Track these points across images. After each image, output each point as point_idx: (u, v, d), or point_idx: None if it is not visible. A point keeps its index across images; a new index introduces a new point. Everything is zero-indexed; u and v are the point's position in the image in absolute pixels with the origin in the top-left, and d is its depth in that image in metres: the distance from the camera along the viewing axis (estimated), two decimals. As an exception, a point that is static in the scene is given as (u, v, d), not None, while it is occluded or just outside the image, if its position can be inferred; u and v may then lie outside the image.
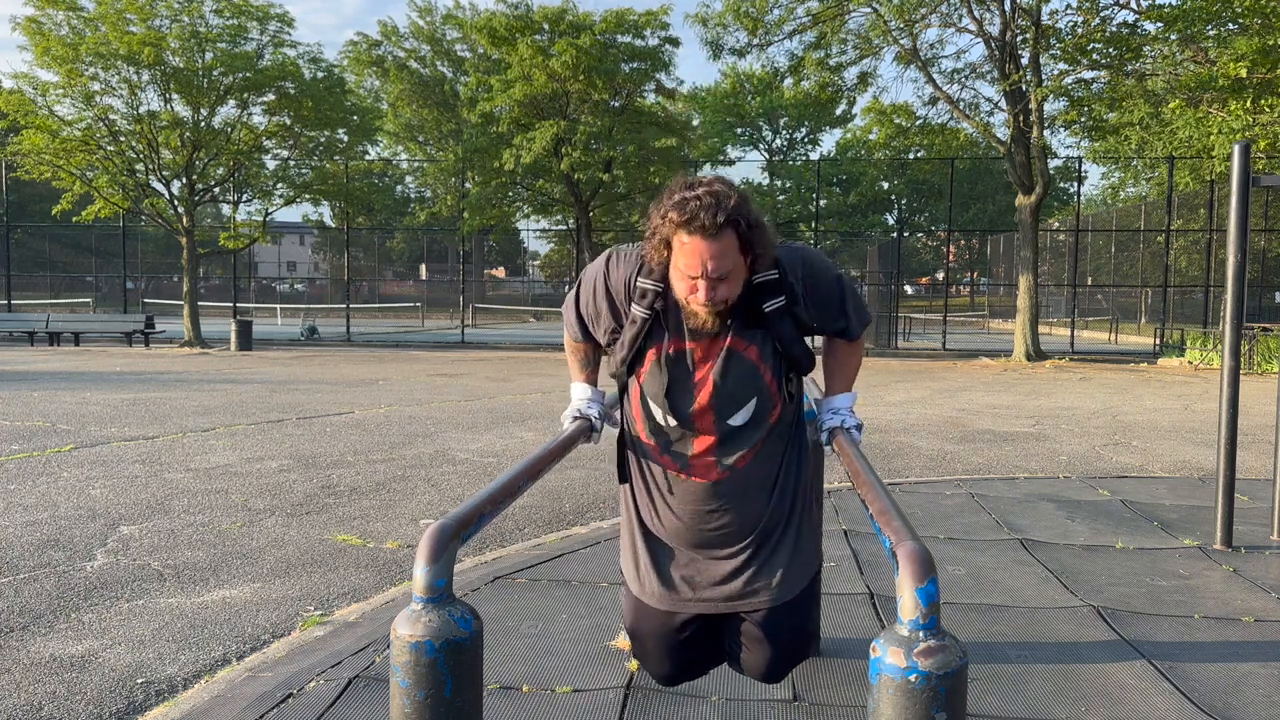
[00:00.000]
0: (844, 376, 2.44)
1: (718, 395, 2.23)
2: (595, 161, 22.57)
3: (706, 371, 2.23)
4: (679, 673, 2.50)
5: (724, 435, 2.26)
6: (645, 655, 2.49)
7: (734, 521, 2.30)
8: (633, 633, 2.49)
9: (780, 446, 2.32)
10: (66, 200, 21.67)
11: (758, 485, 2.30)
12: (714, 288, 2.10)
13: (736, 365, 2.22)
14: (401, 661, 1.53)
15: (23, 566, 4.42)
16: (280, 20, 21.84)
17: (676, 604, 2.35)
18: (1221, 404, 4.86)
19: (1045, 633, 3.57)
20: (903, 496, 5.97)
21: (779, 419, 2.29)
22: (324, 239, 52.83)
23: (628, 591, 2.47)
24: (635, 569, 2.42)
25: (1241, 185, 4.75)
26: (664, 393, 2.26)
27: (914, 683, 1.35)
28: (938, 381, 15.22)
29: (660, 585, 2.36)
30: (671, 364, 2.25)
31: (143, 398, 11.12)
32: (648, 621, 2.41)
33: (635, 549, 2.43)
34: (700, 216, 2.02)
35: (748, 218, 2.07)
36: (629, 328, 2.27)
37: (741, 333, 2.22)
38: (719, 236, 2.03)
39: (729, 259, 2.07)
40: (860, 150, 44.94)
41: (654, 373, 2.26)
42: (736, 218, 2.04)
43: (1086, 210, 41.82)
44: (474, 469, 6.95)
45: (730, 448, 2.27)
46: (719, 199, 2.03)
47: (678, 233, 2.06)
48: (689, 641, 2.41)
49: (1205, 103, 17.65)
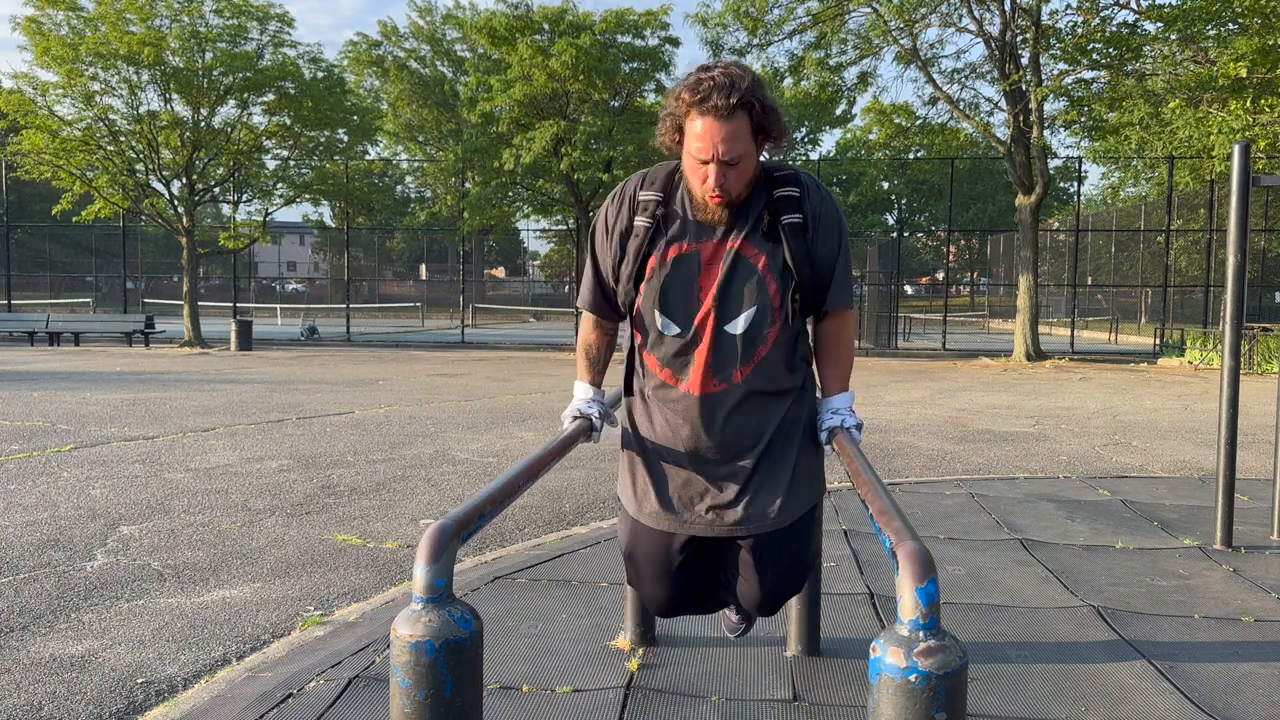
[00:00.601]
0: (839, 373, 2.43)
1: (721, 297, 2.20)
2: (595, 161, 22.58)
3: (713, 273, 2.21)
4: (675, 598, 2.46)
5: (721, 343, 2.23)
6: (641, 579, 2.46)
7: (731, 439, 2.27)
8: (629, 555, 2.45)
9: (780, 369, 2.29)
10: (66, 200, 21.67)
11: (756, 404, 2.27)
12: (724, 174, 2.08)
13: (742, 270, 2.20)
14: (401, 661, 1.54)
15: (23, 566, 4.42)
16: (280, 20, 21.85)
17: (673, 524, 2.32)
18: (1221, 404, 4.86)
19: (1045, 633, 3.57)
20: (903, 496, 5.97)
21: (778, 337, 2.26)
22: (324, 239, 52.83)
23: (624, 514, 2.44)
24: (633, 489, 2.40)
25: (1241, 185, 4.75)
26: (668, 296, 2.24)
27: (914, 683, 1.35)
28: (938, 381, 15.22)
29: (658, 504, 2.33)
30: (675, 267, 2.23)
31: (143, 398, 11.12)
32: (644, 543, 2.38)
33: (633, 469, 2.40)
34: (713, 96, 2.00)
35: (762, 101, 2.05)
36: (632, 241, 2.26)
37: (752, 239, 2.20)
38: (731, 118, 2.01)
39: (741, 142, 2.05)
40: (860, 150, 44.94)
41: (656, 279, 2.24)
42: (750, 99, 2.02)
43: (1086, 210, 41.83)
44: (474, 469, 6.95)
45: (727, 357, 2.24)
46: (733, 80, 2.01)
47: (690, 113, 2.05)
48: (686, 565, 2.38)
49: (1205, 103, 17.65)
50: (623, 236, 2.29)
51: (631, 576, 2.51)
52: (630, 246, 2.27)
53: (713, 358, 2.24)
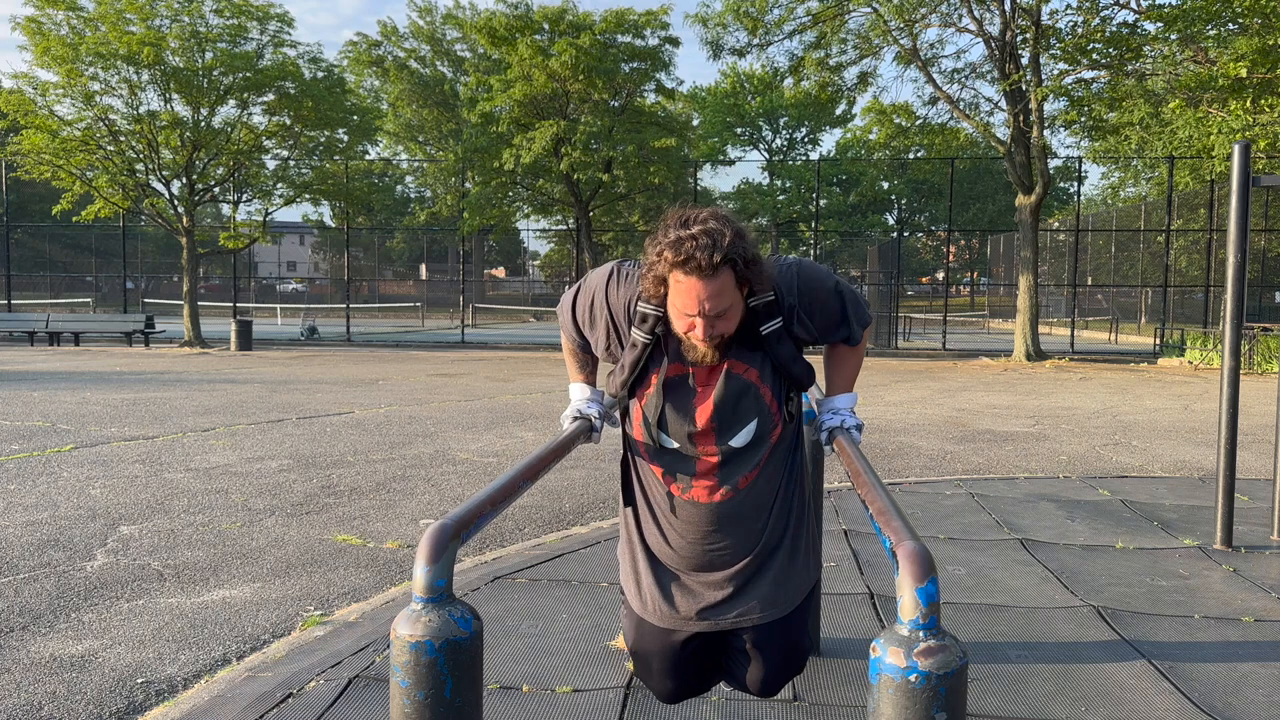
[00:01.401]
0: (845, 377, 2.44)
1: (718, 417, 2.23)
2: (595, 161, 22.58)
3: (707, 394, 2.23)
4: (681, 690, 2.51)
5: (726, 456, 2.27)
6: (649, 674, 2.51)
7: (735, 542, 2.31)
8: (635, 652, 2.50)
9: (781, 465, 2.34)
10: (66, 200, 21.67)
11: (758, 505, 2.31)
12: (712, 325, 2.09)
13: (736, 387, 2.23)
14: (401, 661, 1.53)
15: (23, 566, 4.42)
16: (280, 20, 21.85)
17: (677, 623, 2.36)
18: (1221, 404, 4.86)
19: (1045, 633, 3.57)
20: (903, 496, 5.97)
21: (780, 438, 2.30)
22: (324, 239, 52.83)
23: (629, 611, 2.48)
24: (637, 588, 2.43)
25: (1241, 185, 4.75)
26: (665, 416, 2.27)
27: (914, 683, 1.35)
28: (938, 381, 15.22)
29: (662, 604, 2.37)
30: (672, 387, 2.26)
31: (143, 398, 11.12)
32: (650, 640, 2.43)
33: (636, 569, 2.44)
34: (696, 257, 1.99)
35: (744, 255, 2.05)
36: (630, 351, 2.28)
37: (740, 355, 2.22)
38: (715, 276, 2.02)
39: (726, 297, 2.06)
40: (860, 150, 44.93)
41: (655, 396, 2.27)
42: (733, 256, 2.02)
43: (1086, 210, 41.83)
44: (474, 469, 6.95)
45: (733, 468, 2.27)
46: (714, 239, 2.00)
47: (674, 272, 2.05)
48: (691, 659, 2.43)
49: (1205, 103, 17.65)
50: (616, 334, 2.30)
51: (638, 668, 2.56)
52: (628, 358, 2.28)
53: (719, 471, 2.28)
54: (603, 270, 2.36)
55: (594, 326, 2.35)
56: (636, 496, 2.43)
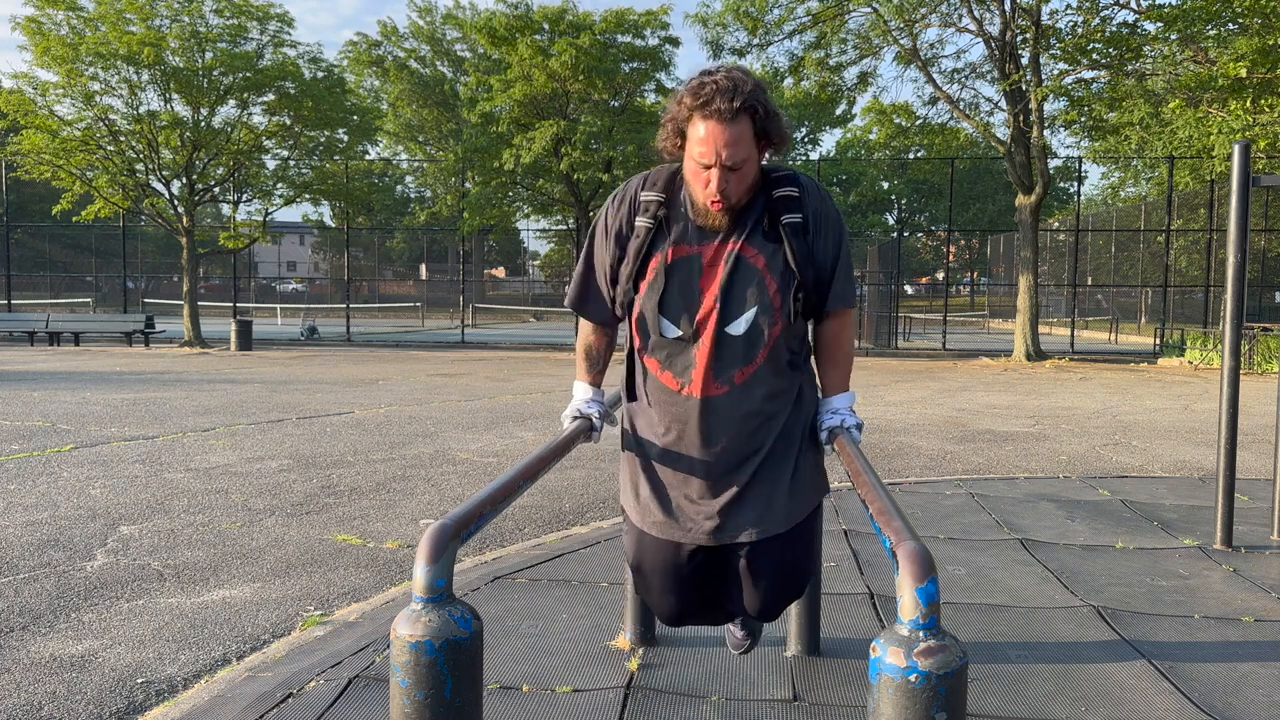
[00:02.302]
0: (840, 373, 2.43)
1: (722, 299, 2.20)
2: (595, 161, 22.58)
3: (713, 274, 2.21)
4: (684, 607, 2.46)
5: (722, 344, 2.23)
6: (649, 589, 2.46)
7: (734, 443, 2.26)
8: (636, 567, 2.45)
9: (781, 371, 2.29)
10: (66, 200, 21.68)
11: (757, 407, 2.26)
12: (726, 179, 2.08)
13: (742, 271, 2.20)
14: (401, 661, 1.54)
15: (23, 566, 4.42)
16: (280, 20, 21.85)
17: (678, 533, 2.32)
18: (1221, 404, 4.86)
19: (1045, 633, 3.57)
20: (903, 496, 5.97)
21: (779, 338, 2.25)
22: (324, 239, 52.83)
23: (630, 525, 2.44)
24: (636, 498, 2.39)
25: (1241, 185, 4.75)
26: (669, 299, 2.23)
27: (914, 683, 1.35)
28: (938, 381, 15.22)
29: (662, 514, 2.33)
30: (676, 269, 2.23)
31: (143, 398, 11.12)
32: (651, 553, 2.38)
33: (635, 477, 2.40)
34: (716, 100, 2.00)
35: (765, 105, 2.05)
36: (633, 241, 2.25)
37: (753, 240, 2.20)
38: (734, 122, 2.01)
39: (743, 147, 2.05)
40: (860, 150, 44.94)
41: (657, 281, 2.23)
42: (753, 103, 2.02)
43: (1086, 210, 41.83)
44: (474, 469, 6.95)
45: (728, 359, 2.23)
46: (736, 84, 2.01)
47: (692, 117, 2.05)
48: (693, 573, 2.38)
49: (1205, 103, 17.65)
50: (623, 236, 2.29)
51: (639, 586, 2.51)
52: (631, 247, 2.26)
53: (714, 360, 2.23)
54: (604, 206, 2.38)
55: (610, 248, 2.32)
56: (637, 398, 2.39)
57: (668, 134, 2.15)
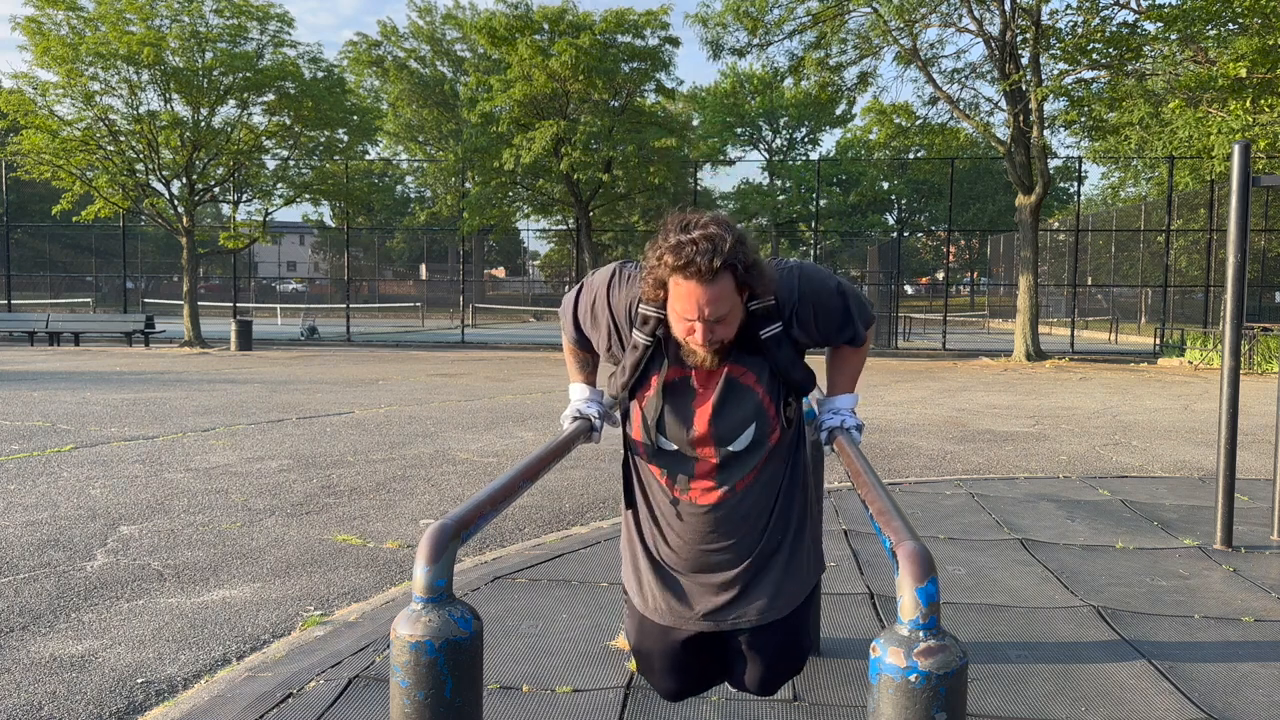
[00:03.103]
0: (847, 377, 2.44)
1: (717, 421, 2.23)
2: (595, 161, 22.57)
3: (706, 397, 2.24)
4: (683, 688, 2.53)
5: (724, 459, 2.27)
6: (651, 671, 2.52)
7: (734, 544, 2.31)
8: (638, 650, 2.51)
9: (780, 468, 2.34)
10: (66, 200, 21.66)
11: (758, 508, 2.31)
12: (711, 330, 2.09)
13: (735, 392, 2.23)
14: (401, 661, 1.53)
15: (23, 566, 4.42)
16: (280, 20, 21.84)
17: (679, 621, 2.37)
18: (1221, 404, 4.86)
19: (1045, 633, 3.57)
20: (903, 496, 5.97)
21: (778, 442, 2.30)
22: (324, 239, 52.81)
23: (632, 609, 2.49)
24: (639, 586, 2.44)
25: (1241, 185, 4.75)
26: (665, 418, 2.27)
27: (914, 683, 1.35)
28: (938, 381, 15.22)
29: (663, 603, 2.38)
30: (672, 390, 2.26)
31: (143, 398, 11.12)
32: (652, 638, 2.44)
33: (638, 568, 2.44)
34: (696, 262, 1.99)
35: (744, 260, 2.04)
36: (630, 353, 2.27)
37: (740, 359, 2.22)
38: (715, 281, 2.01)
39: (726, 302, 2.06)
40: (860, 150, 44.91)
41: (655, 398, 2.27)
42: (733, 262, 2.02)
43: (1086, 210, 41.82)
44: (474, 469, 6.95)
45: (730, 471, 2.28)
46: (715, 244, 2.00)
47: (674, 276, 2.05)
48: (693, 657, 2.44)
49: (1205, 103, 17.64)
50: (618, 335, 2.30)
51: (640, 666, 2.57)
52: (628, 360, 2.28)
53: (717, 474, 2.28)
54: (605, 271, 2.36)
55: (596, 327, 2.36)
56: (637, 497, 2.44)
57: (649, 285, 2.14)
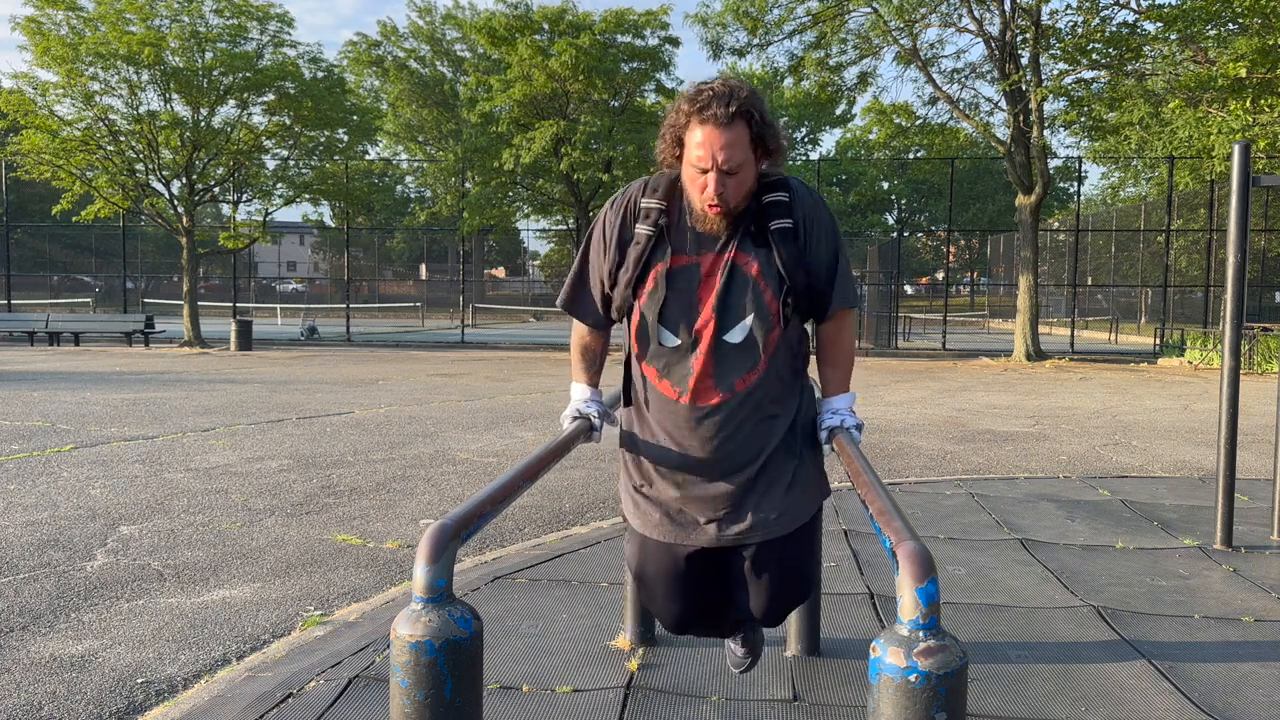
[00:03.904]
0: (840, 373, 2.43)
1: (720, 308, 2.21)
2: (595, 161, 22.57)
3: (711, 284, 2.22)
4: (688, 614, 2.46)
5: (721, 353, 2.23)
6: (653, 596, 2.46)
7: (734, 451, 2.27)
8: (639, 575, 2.45)
9: (780, 376, 2.29)
10: (66, 200, 21.67)
11: (757, 413, 2.27)
12: (723, 183, 2.10)
13: (738, 279, 2.22)
14: (401, 661, 1.54)
15: (23, 566, 4.42)
16: (280, 20, 21.85)
17: (679, 536, 2.32)
18: (1221, 404, 4.86)
19: (1045, 633, 3.57)
20: (903, 496, 5.97)
21: (778, 343, 2.26)
22: (324, 239, 52.83)
23: (632, 533, 2.44)
24: (636, 504, 2.39)
25: (1241, 185, 4.75)
26: (668, 309, 2.24)
27: (914, 683, 1.35)
28: (938, 381, 15.22)
29: (663, 518, 2.33)
30: (676, 279, 2.24)
31: (143, 398, 11.12)
32: (653, 558, 2.38)
33: (636, 483, 2.40)
34: (713, 105, 2.05)
35: (761, 112, 2.10)
36: (633, 248, 2.26)
37: (745, 247, 2.22)
38: (731, 126, 2.06)
39: (740, 151, 2.08)
40: (860, 150, 44.93)
41: (656, 290, 2.24)
42: (749, 109, 2.07)
43: (1086, 210, 41.83)
44: (474, 469, 6.95)
45: (728, 367, 2.24)
46: (732, 90, 2.07)
47: (690, 122, 2.09)
48: (696, 578, 2.38)
49: (1205, 103, 17.65)
50: (622, 241, 2.30)
51: (643, 594, 2.52)
52: (631, 254, 2.27)
53: (714, 368, 2.24)
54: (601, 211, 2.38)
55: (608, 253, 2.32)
56: (635, 405, 2.39)
57: (666, 143, 2.18)
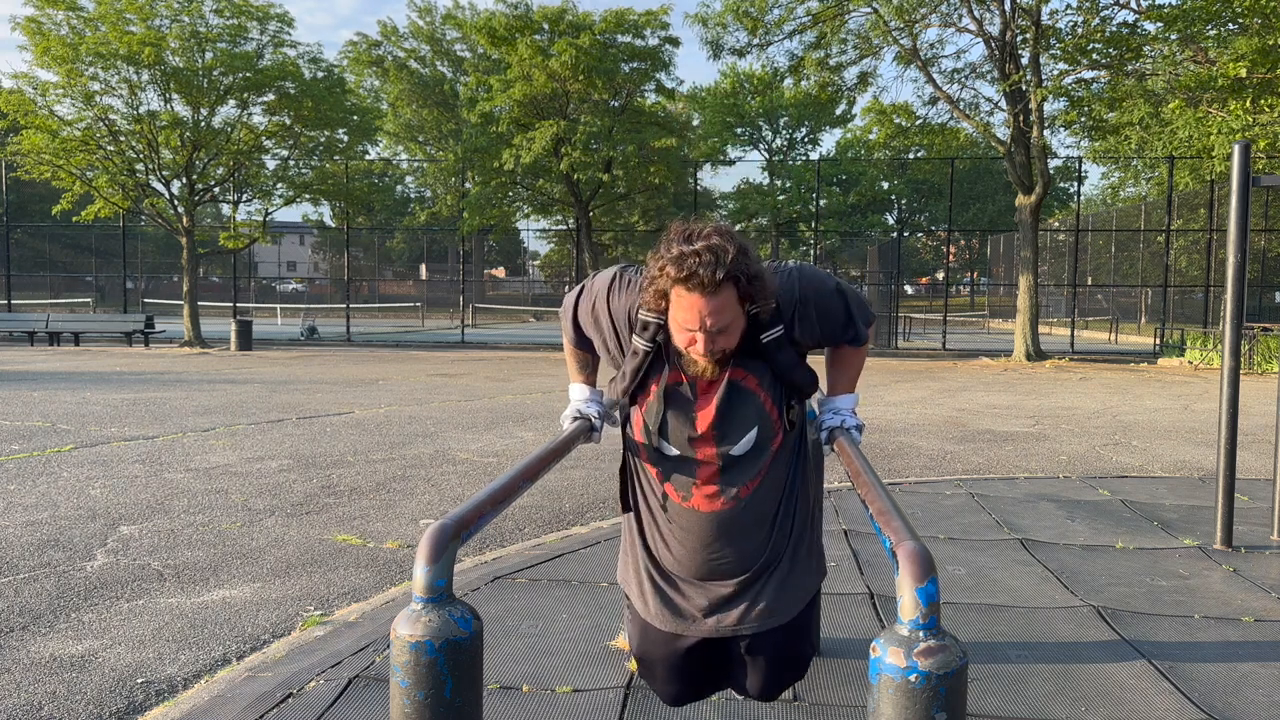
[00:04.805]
0: (847, 377, 2.44)
1: (719, 424, 2.22)
2: (595, 161, 22.57)
3: (708, 401, 2.22)
4: (685, 693, 2.52)
5: (726, 464, 2.25)
6: (653, 678, 2.52)
7: (738, 551, 2.29)
8: (640, 657, 2.51)
9: (783, 474, 2.32)
10: (66, 200, 21.66)
11: (760, 515, 2.30)
12: (713, 340, 2.09)
13: (737, 395, 2.22)
14: (401, 661, 1.54)
15: (23, 566, 4.42)
16: (280, 20, 21.84)
17: (681, 627, 2.36)
18: (1221, 404, 4.86)
19: (1045, 633, 3.57)
20: (903, 496, 5.97)
21: (781, 446, 2.29)
22: (324, 239, 52.82)
23: (634, 615, 2.48)
24: (640, 593, 2.43)
25: (1241, 185, 4.75)
26: (666, 422, 2.26)
27: (914, 683, 1.35)
28: (938, 381, 15.22)
29: (665, 609, 2.37)
30: (674, 394, 2.25)
31: (143, 398, 11.12)
32: (654, 645, 2.43)
33: (640, 575, 2.43)
34: (699, 273, 1.99)
35: (747, 271, 2.03)
36: (630, 359, 2.27)
37: (741, 363, 2.21)
38: (718, 293, 2.01)
39: (728, 313, 2.05)
40: (860, 150, 44.89)
41: (656, 404, 2.26)
42: (736, 273, 2.01)
43: (1086, 210, 41.82)
44: (474, 469, 6.95)
45: (733, 476, 2.26)
46: (718, 255, 1.99)
47: (676, 287, 2.04)
48: (696, 663, 2.43)
49: (1205, 103, 17.64)
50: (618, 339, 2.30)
51: (643, 672, 2.56)
52: (629, 366, 2.28)
53: (719, 478, 2.26)
54: (605, 275, 2.35)
55: (596, 330, 2.35)
56: (639, 503, 2.42)
57: (651, 296, 2.13)
